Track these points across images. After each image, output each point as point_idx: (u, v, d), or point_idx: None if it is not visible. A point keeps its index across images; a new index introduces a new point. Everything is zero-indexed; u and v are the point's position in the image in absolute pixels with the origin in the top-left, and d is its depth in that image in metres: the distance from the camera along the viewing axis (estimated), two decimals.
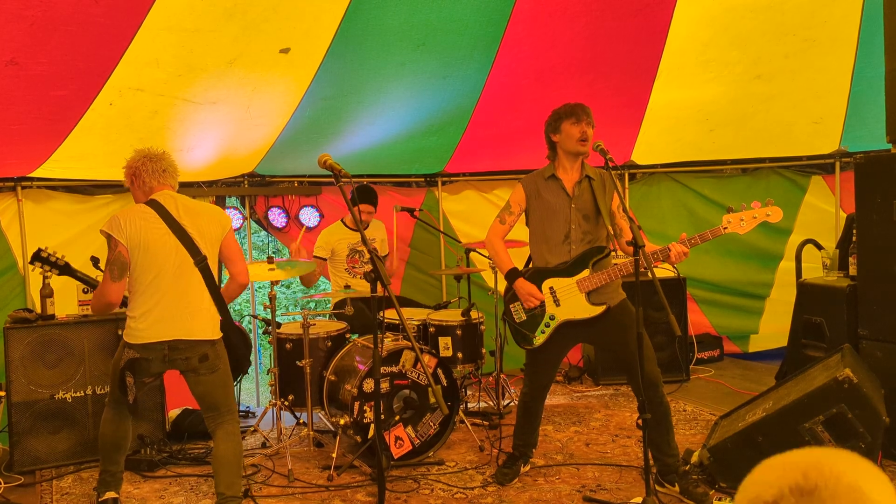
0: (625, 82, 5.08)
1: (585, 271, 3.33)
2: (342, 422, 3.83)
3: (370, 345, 3.74)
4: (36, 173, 4.59)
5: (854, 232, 4.04)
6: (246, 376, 4.04)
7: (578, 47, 4.72)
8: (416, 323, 4.54)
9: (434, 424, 3.93)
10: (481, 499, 3.42)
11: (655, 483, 3.32)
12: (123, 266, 3.02)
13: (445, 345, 4.36)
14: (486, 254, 4.02)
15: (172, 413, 4.50)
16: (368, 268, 4.23)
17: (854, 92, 5.12)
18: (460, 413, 4.18)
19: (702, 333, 5.99)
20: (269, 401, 4.28)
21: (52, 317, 4.06)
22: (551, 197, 3.42)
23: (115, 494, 3.26)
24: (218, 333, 3.13)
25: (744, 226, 3.23)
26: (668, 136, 5.69)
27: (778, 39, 4.83)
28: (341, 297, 4.58)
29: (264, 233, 6.08)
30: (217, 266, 3.18)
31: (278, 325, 4.33)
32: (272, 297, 4.17)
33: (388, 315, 4.37)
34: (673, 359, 5.36)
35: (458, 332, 4.38)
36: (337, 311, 4.64)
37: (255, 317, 5.20)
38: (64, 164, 4.52)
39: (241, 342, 3.27)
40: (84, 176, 4.79)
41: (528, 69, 4.84)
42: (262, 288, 6.79)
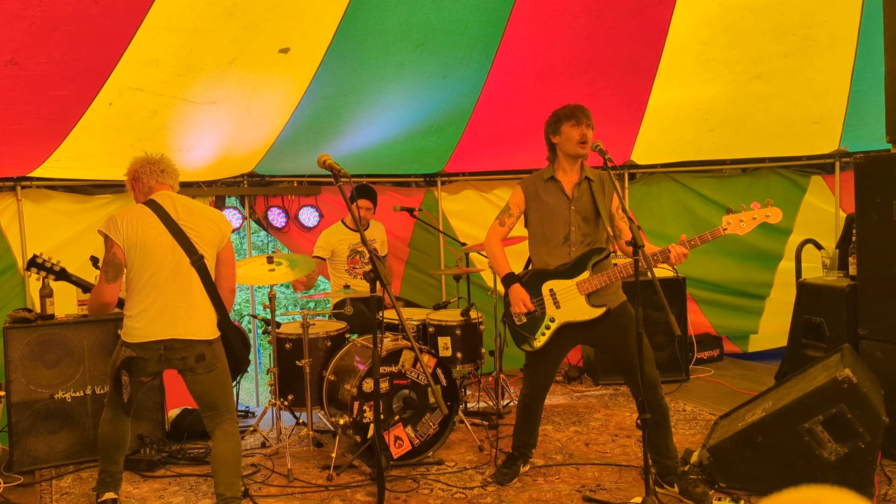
0: (624, 82, 5.08)
1: (585, 273, 3.33)
2: (342, 422, 3.83)
3: (369, 345, 3.73)
4: (35, 173, 4.59)
5: (854, 232, 4.04)
6: (245, 376, 4.04)
7: (578, 47, 4.72)
8: (415, 323, 4.54)
9: (433, 424, 3.93)
10: (481, 499, 3.42)
11: (655, 483, 3.32)
12: (118, 267, 3.02)
13: (445, 345, 4.36)
14: (486, 256, 4.02)
15: (172, 413, 4.50)
16: (368, 268, 4.24)
17: (854, 91, 5.12)
18: (460, 413, 4.18)
19: (701, 333, 5.99)
20: (269, 400, 4.28)
21: (52, 316, 4.06)
22: (550, 199, 3.42)
23: (114, 495, 3.26)
24: (215, 333, 3.12)
25: (743, 227, 3.23)
26: (667, 136, 5.69)
27: (777, 39, 4.83)
28: (341, 297, 4.58)
29: (264, 233, 6.07)
30: (214, 266, 3.18)
31: (278, 324, 4.33)
32: (272, 297, 4.17)
33: (388, 315, 4.36)
34: (673, 359, 5.36)
35: (458, 332, 4.38)
36: (336, 311, 4.64)
37: (254, 316, 5.20)
38: (63, 163, 4.52)
39: (239, 342, 3.27)
40: (83, 176, 4.79)
41: (528, 69, 4.83)
42: (261, 288, 6.79)
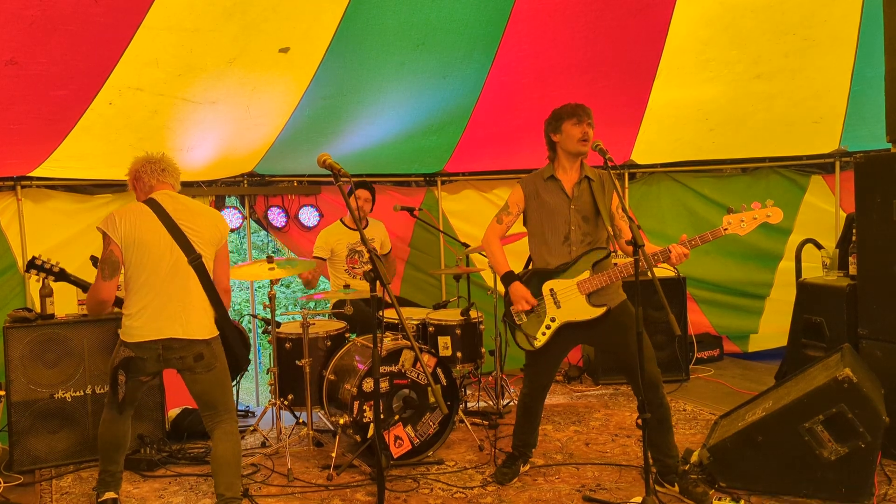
0: (624, 82, 5.08)
1: (586, 273, 3.33)
2: (342, 421, 3.83)
3: (369, 344, 3.73)
4: (35, 173, 4.59)
5: (854, 231, 4.03)
6: (245, 376, 4.04)
7: (578, 47, 4.72)
8: (415, 322, 4.54)
9: (433, 424, 3.93)
10: (481, 498, 3.42)
11: (655, 482, 3.32)
12: (115, 265, 3.02)
13: (445, 344, 4.36)
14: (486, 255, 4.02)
15: (172, 412, 4.51)
16: (368, 267, 4.23)
17: (854, 91, 5.12)
18: (460, 413, 4.18)
19: (702, 333, 5.99)
20: (269, 400, 4.28)
21: (52, 316, 4.06)
22: (550, 198, 3.42)
23: (114, 495, 3.26)
24: (214, 332, 3.12)
25: (744, 227, 3.23)
26: (667, 136, 5.69)
27: (778, 39, 4.83)
28: (340, 297, 4.57)
29: (264, 232, 6.07)
30: (212, 266, 3.18)
31: (278, 324, 4.33)
32: (272, 297, 4.17)
33: (388, 314, 4.36)
34: (673, 358, 5.36)
35: (458, 331, 4.38)
36: (336, 310, 4.64)
37: (254, 316, 5.20)
38: (63, 163, 4.52)
39: (238, 341, 3.26)
40: (84, 175, 4.79)
41: (528, 69, 4.83)
42: (261, 287, 6.79)
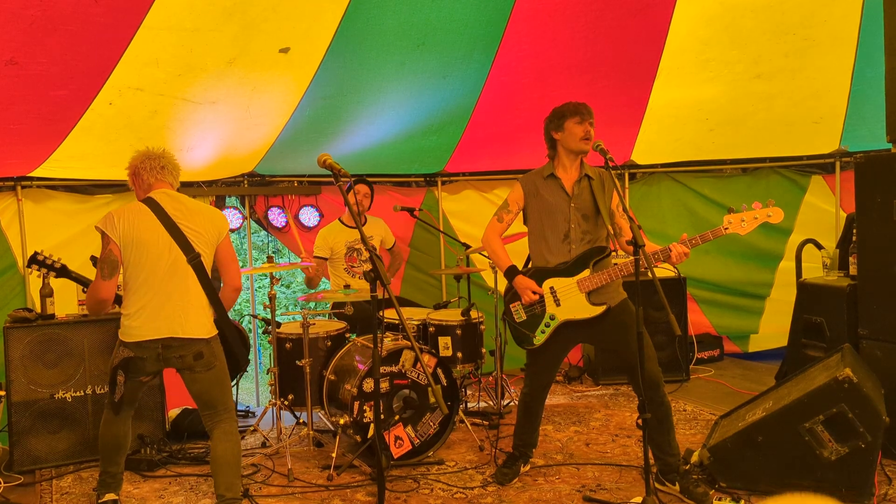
0: (624, 82, 5.08)
1: (586, 271, 3.33)
2: (342, 421, 3.83)
3: (370, 344, 3.73)
4: (36, 173, 4.59)
5: (854, 232, 4.03)
6: (245, 376, 4.04)
7: (578, 47, 4.72)
8: (415, 322, 4.53)
9: (434, 424, 3.93)
10: (481, 499, 3.42)
11: (655, 482, 3.33)
12: (114, 264, 3.02)
13: (445, 344, 4.36)
14: (487, 254, 4.02)
15: (172, 413, 4.50)
16: (368, 266, 4.23)
17: (854, 91, 5.12)
18: (460, 413, 4.18)
19: (702, 333, 5.99)
20: (269, 400, 4.28)
21: (52, 316, 4.06)
22: (550, 196, 3.42)
23: (114, 496, 3.26)
24: (213, 331, 3.12)
25: (745, 226, 3.23)
26: (668, 136, 5.69)
27: (778, 38, 4.83)
28: (339, 298, 4.57)
29: (264, 233, 6.07)
30: (212, 265, 3.17)
31: (278, 324, 4.33)
32: (272, 297, 4.17)
33: (388, 314, 4.36)
34: (673, 358, 5.36)
35: (458, 331, 4.37)
36: (336, 310, 4.64)
37: (254, 316, 5.20)
38: (64, 163, 4.52)
39: (237, 340, 3.26)
40: (84, 175, 4.79)
41: (528, 69, 4.83)
42: (262, 288, 6.79)
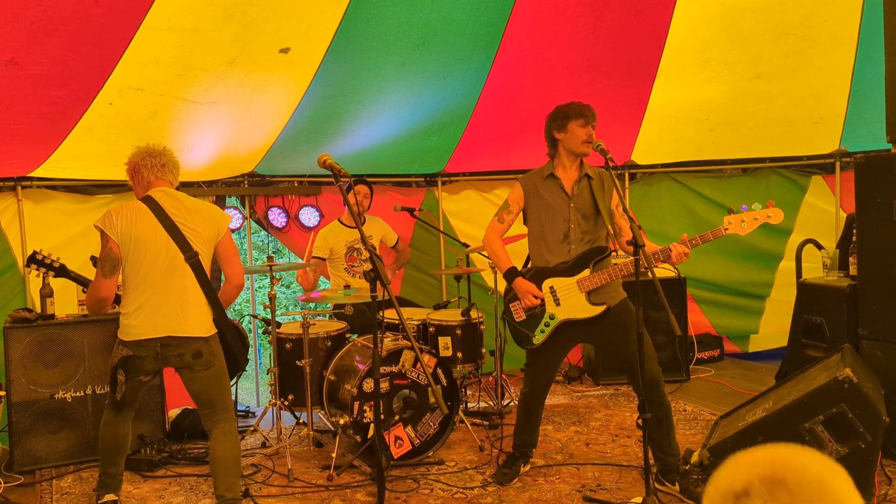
0: (624, 82, 5.08)
1: (586, 271, 3.33)
2: (342, 421, 3.83)
3: (370, 344, 3.73)
4: (36, 173, 4.59)
5: (854, 232, 4.03)
6: (245, 376, 4.04)
7: (578, 47, 4.72)
8: (415, 323, 4.53)
9: (434, 424, 3.93)
10: (481, 499, 3.42)
11: (655, 482, 3.33)
12: (114, 262, 3.02)
13: (445, 344, 4.36)
14: (487, 254, 4.03)
15: (172, 413, 4.50)
16: (367, 266, 4.22)
17: (854, 91, 5.12)
18: (460, 413, 4.18)
19: (702, 333, 5.98)
20: (269, 400, 4.28)
21: (52, 316, 4.06)
22: (550, 196, 3.42)
23: (114, 497, 3.26)
24: (212, 330, 3.12)
25: (745, 227, 3.23)
26: (668, 136, 5.69)
27: (778, 39, 4.83)
28: (339, 299, 4.57)
29: (264, 233, 6.07)
30: (210, 264, 3.17)
31: (278, 324, 4.33)
32: (272, 297, 4.17)
33: (388, 315, 4.36)
34: (673, 359, 5.36)
35: (458, 331, 4.38)
36: (336, 310, 4.64)
37: (255, 316, 5.20)
38: (64, 163, 4.52)
39: (236, 340, 3.26)
40: (84, 176, 4.79)
41: (528, 69, 4.83)
42: (262, 288, 6.79)
